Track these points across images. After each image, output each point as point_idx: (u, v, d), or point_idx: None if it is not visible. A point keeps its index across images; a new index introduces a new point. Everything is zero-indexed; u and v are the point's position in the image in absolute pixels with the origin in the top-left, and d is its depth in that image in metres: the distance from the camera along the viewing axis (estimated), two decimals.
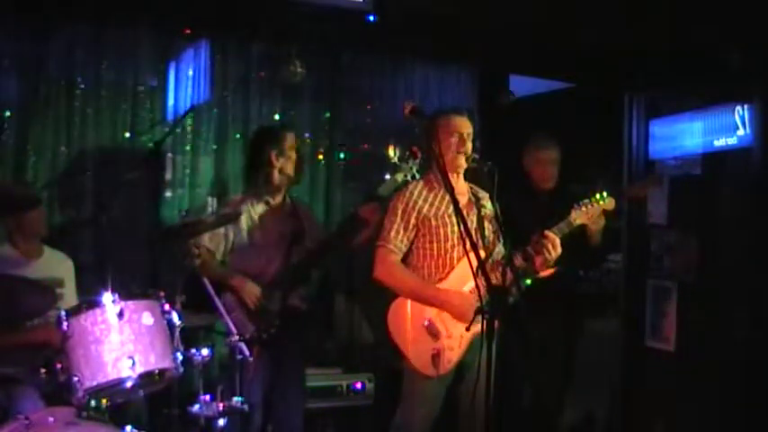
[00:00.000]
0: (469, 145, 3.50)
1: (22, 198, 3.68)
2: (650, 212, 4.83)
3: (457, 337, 3.38)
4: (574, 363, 4.46)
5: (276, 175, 3.92)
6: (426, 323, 3.39)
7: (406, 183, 3.60)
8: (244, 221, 3.86)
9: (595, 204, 3.50)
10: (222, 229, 3.81)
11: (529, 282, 3.51)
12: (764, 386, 4.02)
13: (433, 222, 3.46)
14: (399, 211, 3.48)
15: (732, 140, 4.36)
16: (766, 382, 4.02)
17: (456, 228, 3.42)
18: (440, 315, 3.40)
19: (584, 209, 3.48)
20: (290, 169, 3.95)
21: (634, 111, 5.00)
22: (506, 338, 3.10)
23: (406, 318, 3.42)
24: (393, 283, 3.46)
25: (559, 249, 3.38)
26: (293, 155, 3.97)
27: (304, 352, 4.10)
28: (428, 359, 3.35)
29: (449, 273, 3.46)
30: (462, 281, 3.43)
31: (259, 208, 3.92)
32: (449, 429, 3.50)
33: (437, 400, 3.43)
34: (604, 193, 3.49)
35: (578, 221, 3.47)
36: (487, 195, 3.65)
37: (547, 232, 3.39)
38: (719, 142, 4.44)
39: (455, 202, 3.02)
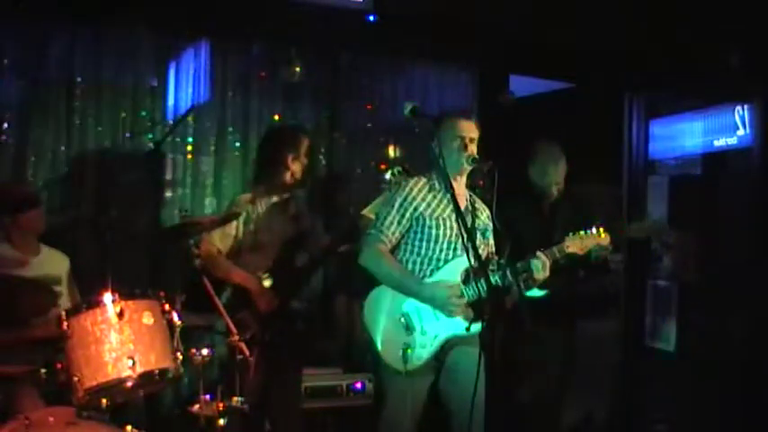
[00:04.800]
0: (473, 149, 3.49)
1: (22, 198, 3.69)
2: (650, 212, 4.83)
3: (431, 336, 3.36)
4: (574, 363, 4.46)
5: (288, 177, 3.93)
6: (402, 317, 3.38)
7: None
8: (252, 221, 3.87)
9: (591, 237, 3.49)
10: (233, 230, 3.81)
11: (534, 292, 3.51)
12: (764, 386, 4.02)
13: (427, 222, 3.45)
14: (396, 204, 3.48)
15: (732, 140, 4.37)
16: (766, 382, 4.02)
17: (448, 231, 3.43)
18: (417, 310, 3.39)
19: (578, 240, 3.48)
20: (301, 173, 3.96)
21: (634, 111, 5.00)
22: (507, 338, 3.09)
23: (383, 309, 3.41)
24: (376, 269, 3.44)
25: (548, 272, 3.38)
26: (306, 159, 3.98)
27: (301, 353, 4.11)
28: (398, 353, 3.32)
29: (432, 272, 3.45)
30: (445, 283, 3.42)
31: (266, 208, 3.92)
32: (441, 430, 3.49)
33: (414, 397, 3.37)
34: (601, 229, 3.50)
35: (570, 250, 3.47)
36: (484, 207, 3.65)
37: (539, 253, 3.40)
38: (719, 142, 4.45)
39: (456, 206, 3.02)
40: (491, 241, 3.58)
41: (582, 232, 3.49)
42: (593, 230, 3.49)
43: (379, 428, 3.46)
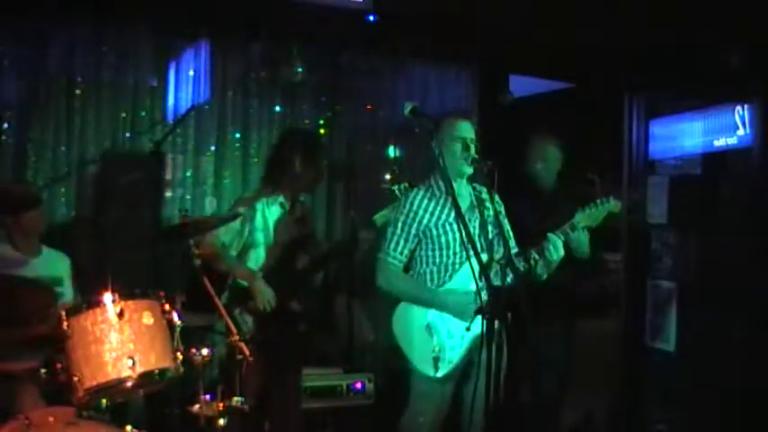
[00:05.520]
0: (473, 150, 3.50)
1: (22, 198, 3.69)
2: (650, 212, 4.83)
3: (458, 338, 3.40)
4: (573, 363, 4.46)
5: (296, 180, 3.93)
6: (428, 324, 3.41)
7: None
8: (257, 221, 3.87)
9: (600, 207, 3.48)
10: (238, 225, 3.82)
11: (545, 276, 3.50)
12: (764, 386, 4.02)
13: (434, 231, 3.48)
14: (400, 223, 3.51)
15: (732, 140, 4.36)
16: (766, 382, 4.01)
17: (457, 234, 3.44)
18: (441, 315, 3.43)
19: (588, 212, 3.47)
20: (309, 177, 3.97)
21: (634, 111, 4.99)
22: (507, 338, 3.10)
23: (410, 320, 3.47)
24: (393, 291, 3.54)
25: (562, 252, 3.39)
26: (316, 165, 3.99)
27: (301, 354, 4.12)
28: (430, 360, 3.38)
29: (451, 277, 3.49)
30: (465, 285, 3.45)
31: (273, 209, 3.92)
32: (454, 429, 3.51)
33: (443, 400, 3.45)
34: (610, 197, 3.49)
35: (582, 224, 3.47)
36: (490, 196, 3.66)
37: (550, 234, 3.40)
38: (719, 142, 4.44)
39: (457, 209, 3.03)
40: (507, 227, 3.58)
41: (591, 204, 3.47)
42: (602, 199, 3.47)
43: (402, 428, 3.49)
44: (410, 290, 3.51)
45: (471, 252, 3.01)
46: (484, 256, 3.24)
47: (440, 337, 3.41)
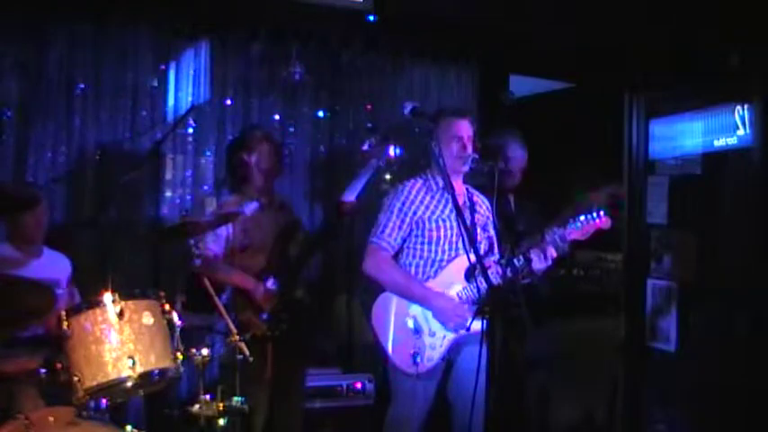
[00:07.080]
0: (470, 148, 3.50)
1: (22, 198, 3.69)
2: (650, 212, 4.83)
3: (439, 336, 3.38)
4: (573, 363, 4.46)
5: (253, 173, 3.99)
6: (410, 320, 3.38)
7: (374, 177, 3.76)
8: (240, 222, 3.89)
9: (591, 222, 3.45)
10: (223, 231, 3.83)
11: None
12: (765, 386, 4.02)
13: (428, 225, 3.47)
14: (396, 210, 3.50)
15: (732, 140, 4.36)
16: (766, 382, 4.02)
17: (449, 232, 3.44)
18: (424, 312, 3.41)
19: (578, 225, 3.44)
20: (264, 165, 4.00)
21: (634, 111, 4.99)
22: (505, 339, 3.10)
23: (390, 313, 3.43)
24: (381, 277, 3.49)
25: (549, 261, 3.38)
26: (268, 156, 4.02)
27: (307, 351, 4.14)
28: (408, 356, 3.35)
29: (436, 273, 3.46)
30: (449, 282, 3.43)
31: (251, 208, 3.95)
32: (443, 427, 3.50)
33: (424, 397, 3.42)
34: (601, 212, 3.46)
35: (572, 237, 3.45)
36: (482, 200, 3.65)
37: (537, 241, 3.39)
38: (719, 142, 4.44)
39: (456, 206, 3.03)
40: (492, 232, 3.59)
41: (582, 217, 3.44)
42: (593, 214, 3.44)
43: (386, 428, 3.48)
44: (401, 281, 3.46)
45: (466, 246, 3.00)
46: (471, 257, 3.23)
47: (421, 335, 3.38)
